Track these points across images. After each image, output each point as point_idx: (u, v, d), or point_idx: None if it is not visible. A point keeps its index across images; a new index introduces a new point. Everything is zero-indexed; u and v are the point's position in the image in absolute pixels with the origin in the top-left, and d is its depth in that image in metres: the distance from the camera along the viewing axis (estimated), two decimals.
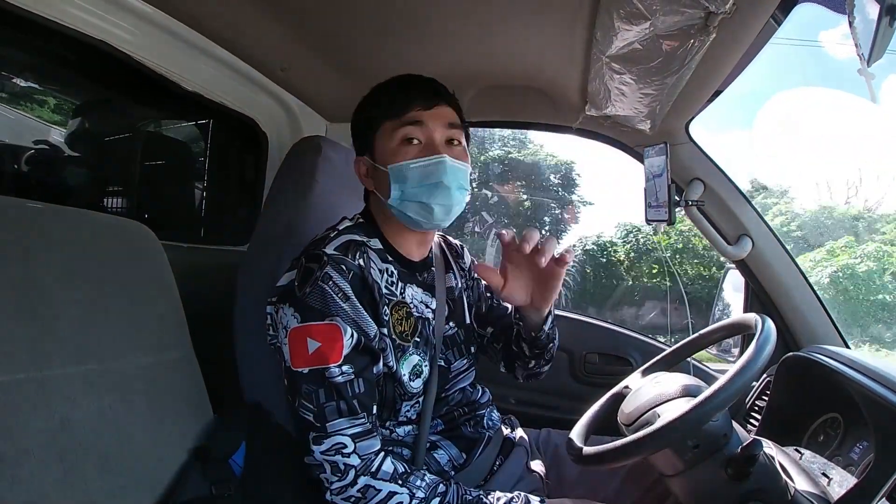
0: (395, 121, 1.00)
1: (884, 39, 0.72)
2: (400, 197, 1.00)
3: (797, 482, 0.88)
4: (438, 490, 0.91)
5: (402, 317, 1.03)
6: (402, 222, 1.04)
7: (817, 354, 1.17)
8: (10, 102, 1.47)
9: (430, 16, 1.20)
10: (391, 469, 0.90)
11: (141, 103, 1.72)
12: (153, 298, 1.02)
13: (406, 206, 1.00)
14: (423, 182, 0.99)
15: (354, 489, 0.88)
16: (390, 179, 0.99)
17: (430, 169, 0.99)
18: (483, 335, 1.27)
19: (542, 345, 1.16)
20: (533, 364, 1.21)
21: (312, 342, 0.90)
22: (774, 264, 1.53)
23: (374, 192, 1.06)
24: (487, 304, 1.28)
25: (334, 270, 0.93)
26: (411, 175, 0.99)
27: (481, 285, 1.29)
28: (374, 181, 1.05)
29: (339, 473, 0.88)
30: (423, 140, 1.00)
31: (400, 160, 0.99)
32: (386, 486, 0.89)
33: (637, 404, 0.94)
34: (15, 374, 0.75)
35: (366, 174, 1.07)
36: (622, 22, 0.96)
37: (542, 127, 1.81)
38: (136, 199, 1.71)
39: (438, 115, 1.02)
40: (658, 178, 1.50)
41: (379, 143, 1.03)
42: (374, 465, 0.90)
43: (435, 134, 1.01)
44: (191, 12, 1.22)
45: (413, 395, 1.03)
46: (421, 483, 0.91)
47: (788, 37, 9.83)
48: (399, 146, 1.00)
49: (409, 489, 0.89)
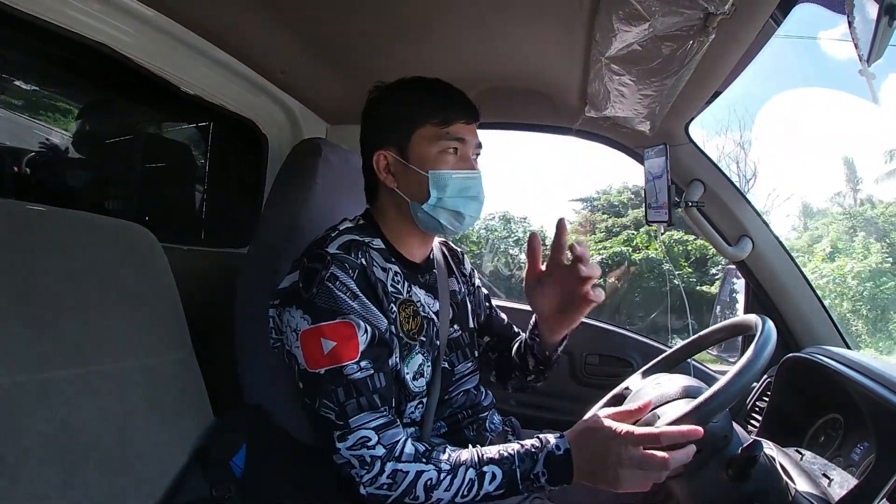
0: (440, 129, 1.02)
1: (883, 39, 0.72)
2: (437, 202, 1.01)
3: (798, 483, 0.88)
4: (462, 458, 0.90)
5: (409, 315, 1.04)
6: (422, 225, 1.05)
7: (818, 355, 1.17)
8: (10, 105, 1.47)
9: (431, 19, 1.21)
10: (413, 450, 0.91)
11: (141, 106, 1.72)
12: (153, 301, 1.03)
13: (439, 213, 1.02)
14: (463, 193, 1.02)
15: (384, 476, 0.88)
16: (429, 184, 1.00)
17: (468, 182, 1.03)
18: (480, 343, 1.28)
19: (549, 364, 1.17)
20: (532, 378, 1.22)
21: (327, 342, 0.89)
22: (775, 265, 1.53)
23: (393, 190, 1.05)
24: (486, 314, 1.30)
25: (339, 269, 0.93)
26: (452, 184, 1.01)
27: (481, 294, 1.30)
28: (400, 179, 1.04)
29: (367, 466, 0.88)
30: (459, 153, 1.03)
31: (441, 168, 1.01)
32: (412, 466, 0.89)
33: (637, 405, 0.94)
34: (15, 375, 0.75)
35: (386, 169, 1.05)
36: (621, 23, 0.96)
37: (543, 128, 1.81)
38: (136, 202, 1.72)
39: (474, 132, 1.06)
40: (658, 180, 1.50)
41: (417, 144, 1.03)
42: (397, 450, 0.90)
43: (469, 150, 1.05)
44: (191, 15, 1.22)
45: (416, 395, 1.03)
46: (443, 456, 0.91)
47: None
48: (440, 154, 1.02)
49: (434, 464, 0.89)
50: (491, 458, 0.90)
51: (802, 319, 1.52)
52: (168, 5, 1.18)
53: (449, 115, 1.02)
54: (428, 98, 1.04)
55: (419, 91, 1.06)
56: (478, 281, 1.31)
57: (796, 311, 1.52)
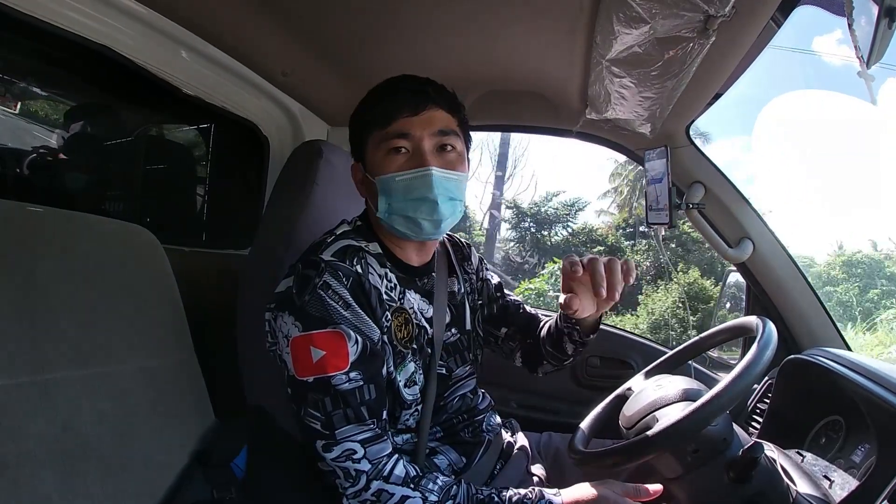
0: (382, 130, 0.97)
1: (883, 41, 0.73)
2: (387, 210, 0.97)
3: (799, 485, 0.88)
4: (451, 493, 0.90)
5: (401, 323, 1.01)
6: (394, 233, 1.02)
7: (819, 357, 1.17)
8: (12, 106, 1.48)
9: (432, 21, 1.21)
10: (403, 473, 0.90)
11: (143, 107, 1.72)
12: (155, 302, 1.03)
13: (394, 220, 0.98)
14: (409, 196, 0.95)
15: (368, 493, 0.88)
16: (377, 191, 0.97)
17: (415, 182, 0.95)
18: (497, 336, 1.26)
19: (586, 345, 1.15)
20: (567, 362, 1.20)
21: (316, 351, 0.87)
22: (775, 267, 1.53)
23: (367, 200, 1.05)
24: (499, 304, 1.27)
25: (332, 278, 0.91)
26: (396, 187, 0.96)
27: (490, 286, 1.27)
28: (367, 190, 1.03)
29: (351, 479, 0.88)
30: (410, 149, 0.96)
31: (386, 171, 0.96)
32: (399, 489, 0.88)
33: (637, 407, 0.94)
34: (17, 377, 0.75)
35: (360, 181, 1.05)
36: (622, 26, 0.96)
37: (544, 130, 1.81)
38: (138, 203, 1.72)
39: (427, 120, 0.97)
40: (659, 182, 1.50)
41: (369, 152, 1.00)
42: (385, 470, 0.89)
43: (423, 143, 0.96)
44: (193, 17, 1.22)
45: (409, 403, 1.01)
46: (433, 486, 0.90)
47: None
48: (386, 156, 0.96)
49: (421, 493, 0.89)
50: (481, 500, 0.91)
51: (803, 321, 1.52)
52: (170, 7, 1.18)
53: (388, 112, 0.96)
54: (372, 103, 1.00)
55: (369, 97, 1.02)
56: (487, 273, 1.28)
57: (797, 312, 1.52)
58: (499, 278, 1.30)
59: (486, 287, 1.27)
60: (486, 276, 1.28)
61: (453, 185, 0.98)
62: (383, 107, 0.98)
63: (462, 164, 1.01)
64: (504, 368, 1.36)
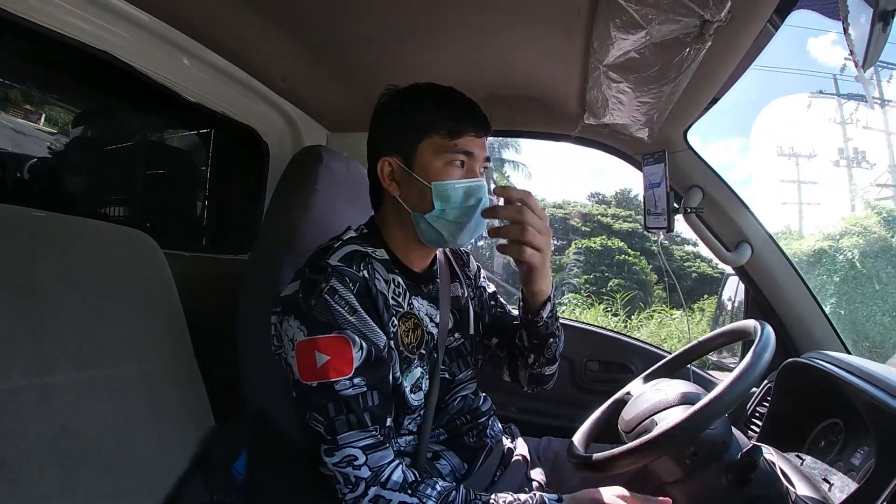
0: (448, 140, 0.99)
1: (878, 44, 0.73)
2: (440, 215, 0.99)
3: (798, 488, 0.89)
4: (449, 498, 0.90)
5: (409, 328, 1.02)
6: (423, 236, 1.03)
7: (817, 360, 1.17)
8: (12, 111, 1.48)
9: (430, 27, 1.22)
10: (401, 479, 0.90)
11: (143, 113, 1.73)
12: (155, 307, 1.03)
13: (441, 224, 1.00)
14: (465, 203, 1.00)
15: (366, 500, 0.88)
16: (433, 196, 0.99)
17: (471, 190, 1.00)
18: (488, 346, 1.26)
19: (541, 335, 1.12)
20: (532, 359, 1.16)
21: (321, 355, 0.88)
22: (774, 270, 1.53)
23: (396, 198, 1.03)
24: (492, 314, 1.27)
25: (339, 283, 0.91)
26: (455, 195, 0.99)
27: (486, 294, 1.28)
28: (403, 188, 1.02)
29: (350, 485, 0.88)
30: (466, 166, 1.01)
31: (447, 179, 0.99)
32: (396, 496, 0.88)
33: (636, 412, 0.94)
34: (17, 380, 0.75)
35: (390, 177, 1.03)
36: (619, 31, 0.97)
37: (542, 135, 1.82)
38: (138, 208, 1.72)
39: (483, 146, 1.04)
40: (657, 186, 1.51)
41: (422, 154, 1.00)
42: (384, 476, 0.89)
43: (476, 164, 1.02)
44: (193, 23, 1.23)
45: (414, 408, 1.02)
46: (431, 492, 0.90)
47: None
48: (445, 166, 1.00)
49: (419, 498, 0.89)
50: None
51: (802, 324, 1.52)
52: (171, 14, 1.19)
53: (458, 127, 1.00)
54: (438, 108, 1.01)
55: (430, 99, 1.03)
56: (483, 281, 1.29)
57: (795, 316, 1.53)
58: (494, 287, 1.31)
59: (482, 294, 1.27)
60: (483, 283, 1.29)
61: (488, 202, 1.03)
62: (453, 117, 1.01)
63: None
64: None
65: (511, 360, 1.24)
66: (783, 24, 1.06)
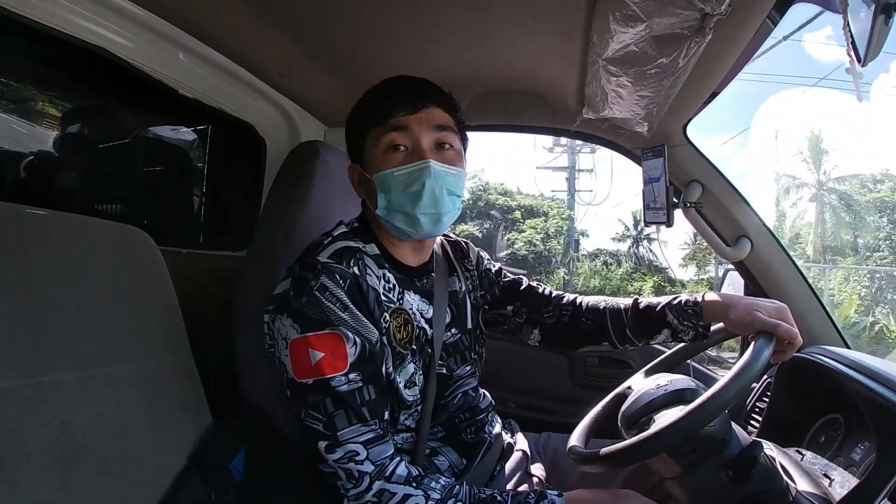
0: (381, 127, 0.97)
1: (880, 38, 0.73)
2: (386, 207, 0.97)
3: (798, 483, 0.88)
4: (454, 491, 0.90)
5: (400, 324, 1.01)
6: (392, 232, 1.02)
7: (817, 355, 1.17)
8: (8, 108, 1.47)
9: (428, 21, 1.21)
10: (405, 472, 0.90)
11: (140, 109, 1.72)
12: (152, 304, 1.03)
13: (393, 217, 0.98)
14: (408, 190, 0.95)
15: (370, 494, 0.87)
16: (376, 189, 0.97)
17: (414, 175, 0.95)
18: (505, 315, 1.25)
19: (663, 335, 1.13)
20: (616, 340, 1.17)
21: (314, 353, 0.87)
22: (773, 265, 1.53)
23: (366, 201, 1.05)
24: (500, 286, 1.26)
25: (329, 280, 0.90)
26: (395, 183, 0.96)
27: (491, 274, 1.27)
28: (365, 190, 1.03)
29: (353, 480, 0.88)
30: (409, 146, 0.97)
31: (385, 168, 0.96)
32: (401, 489, 0.88)
33: (636, 407, 0.94)
34: (14, 379, 0.75)
35: (358, 182, 1.05)
36: (618, 24, 0.96)
37: (541, 130, 1.82)
38: (134, 205, 1.72)
39: (425, 118, 0.98)
40: (656, 181, 1.50)
41: (368, 151, 1.00)
42: (388, 470, 0.89)
43: (422, 138, 0.96)
44: (189, 18, 1.22)
45: (410, 403, 1.01)
46: (436, 485, 0.90)
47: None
48: (385, 153, 0.97)
49: (423, 490, 0.88)
50: (483, 499, 0.91)
51: (801, 319, 1.51)
52: (166, 8, 1.18)
53: (387, 110, 0.97)
54: (374, 98, 1.00)
55: (365, 98, 1.03)
56: (487, 263, 1.28)
57: (795, 311, 1.51)
58: (499, 264, 1.30)
59: (487, 276, 1.26)
60: (487, 266, 1.27)
61: (452, 180, 0.98)
62: (381, 105, 0.98)
63: (460, 161, 1.02)
64: (503, 369, 1.36)
65: (557, 335, 1.23)
66: (782, 19, 1.05)
